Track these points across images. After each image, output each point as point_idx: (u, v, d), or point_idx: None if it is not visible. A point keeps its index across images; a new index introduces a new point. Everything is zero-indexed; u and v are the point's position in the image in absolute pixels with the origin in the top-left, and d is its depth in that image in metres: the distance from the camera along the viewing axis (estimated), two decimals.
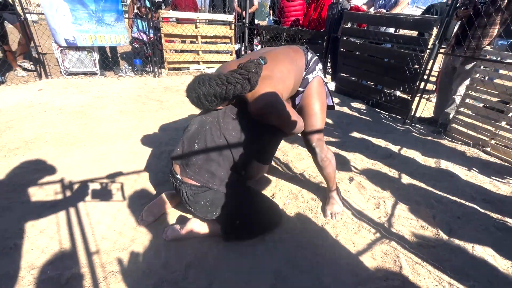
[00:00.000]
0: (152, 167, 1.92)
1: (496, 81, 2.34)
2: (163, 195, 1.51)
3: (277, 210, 1.49)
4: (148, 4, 4.00)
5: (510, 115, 2.25)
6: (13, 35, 3.78)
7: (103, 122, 2.59)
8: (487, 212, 1.66)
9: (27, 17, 3.44)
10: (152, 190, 1.70)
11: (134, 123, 2.61)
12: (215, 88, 1.11)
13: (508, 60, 2.20)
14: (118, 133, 2.39)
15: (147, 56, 4.23)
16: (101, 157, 2.01)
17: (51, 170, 1.82)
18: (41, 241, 1.29)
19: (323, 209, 1.60)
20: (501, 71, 2.32)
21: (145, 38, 4.18)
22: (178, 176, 1.27)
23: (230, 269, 1.21)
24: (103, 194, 1.62)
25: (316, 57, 1.47)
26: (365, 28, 3.69)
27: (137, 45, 4.22)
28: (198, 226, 1.33)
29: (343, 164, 2.11)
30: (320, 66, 1.48)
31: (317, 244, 1.37)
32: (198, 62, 4.59)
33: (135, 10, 4.27)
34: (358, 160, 2.20)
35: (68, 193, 1.62)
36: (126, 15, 4.25)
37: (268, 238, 1.38)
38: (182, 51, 4.57)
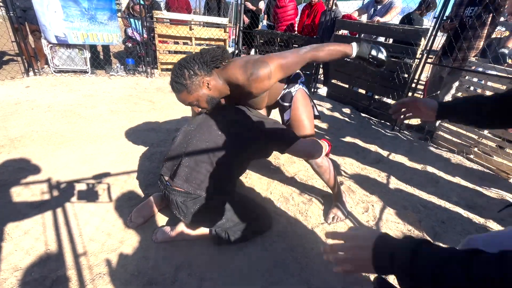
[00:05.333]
0: (143, 168, 1.90)
1: (480, 91, 2.44)
2: (153, 196, 1.49)
3: (267, 214, 1.50)
4: (142, 1, 3.98)
5: None
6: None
7: (93, 121, 2.55)
8: (470, 217, 1.72)
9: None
10: (142, 191, 1.68)
11: (125, 123, 2.58)
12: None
13: (491, 72, 2.31)
14: (109, 133, 2.35)
15: (139, 56, 4.19)
16: (90, 157, 1.97)
17: (37, 169, 1.78)
18: (25, 242, 1.25)
19: (326, 212, 1.64)
20: (484, 82, 2.42)
21: (138, 37, 4.14)
22: (167, 183, 1.27)
23: (220, 272, 1.21)
24: (92, 195, 1.60)
25: (299, 71, 1.52)
26: (357, 36, 3.79)
27: (130, 45, 4.17)
28: (188, 228, 1.33)
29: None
30: (302, 79, 1.55)
31: (307, 247, 1.39)
32: None
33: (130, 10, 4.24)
34: (348, 164, 2.24)
35: (55, 194, 1.58)
36: (119, 14, 4.20)
37: (258, 241, 1.38)
38: (176, 52, 4.55)
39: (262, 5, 5.00)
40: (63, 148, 2.06)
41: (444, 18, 2.57)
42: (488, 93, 2.36)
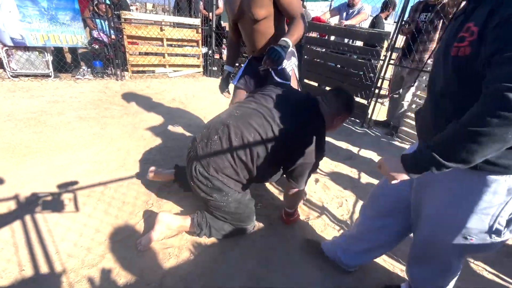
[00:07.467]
0: (120, 177, 1.86)
1: None
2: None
3: (253, 215, 1.54)
4: (108, 1, 3.79)
5: None
6: None
7: (60, 129, 2.41)
8: None
9: None
10: (121, 201, 1.64)
11: (97, 130, 2.48)
12: None
13: None
14: (79, 141, 2.25)
15: (108, 58, 4.00)
16: (60, 168, 1.88)
17: (1, 184, 1.66)
18: None
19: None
20: None
21: (105, 39, 3.95)
22: (197, 152, 1.28)
23: (205, 275, 1.25)
24: (66, 209, 1.53)
25: (293, 50, 1.64)
26: (325, 37, 3.95)
27: (96, 46, 3.97)
28: (168, 217, 1.36)
29: None
30: (294, 60, 1.66)
31: (287, 244, 1.47)
32: (164, 65, 4.47)
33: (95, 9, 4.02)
34: (323, 162, 2.36)
35: (25, 210, 1.49)
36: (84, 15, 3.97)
37: (241, 243, 1.44)
38: (147, 53, 4.41)
39: (221, 5, 5.00)
40: (29, 160, 1.93)
41: (403, 23, 2.79)
42: None
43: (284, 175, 1.42)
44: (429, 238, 0.93)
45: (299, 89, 1.68)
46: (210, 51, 4.73)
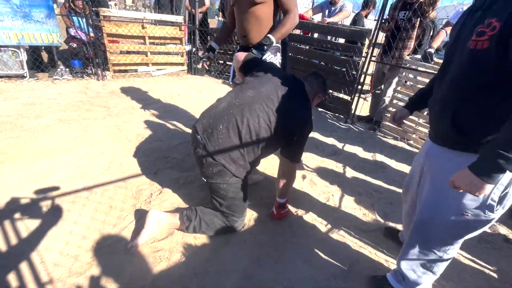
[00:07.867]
0: (105, 181, 1.82)
1: (418, 85, 2.81)
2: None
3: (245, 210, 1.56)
4: None
5: (425, 113, 2.73)
6: None
7: (39, 133, 2.31)
8: None
9: None
10: (108, 206, 1.61)
11: (79, 133, 2.40)
12: None
13: (421, 68, 2.67)
14: (60, 145, 2.17)
15: (87, 57, 3.86)
16: (41, 174, 1.82)
17: None
18: None
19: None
20: (418, 78, 2.78)
21: (83, 37, 3.80)
22: (201, 140, 1.34)
23: (197, 276, 1.26)
24: (50, 217, 1.49)
25: (278, 46, 1.80)
26: (309, 34, 3.99)
27: (74, 45, 3.81)
28: (158, 213, 1.40)
29: None
30: (279, 57, 1.82)
31: (278, 241, 1.50)
32: (147, 64, 4.37)
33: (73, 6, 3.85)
34: (309, 159, 2.42)
35: (5, 220, 1.44)
36: (59, 11, 3.80)
37: (232, 241, 1.45)
38: (128, 52, 4.29)
39: (207, 2, 4.95)
40: (6, 167, 1.85)
41: (383, 20, 2.87)
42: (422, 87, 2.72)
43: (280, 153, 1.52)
44: (428, 219, 1.01)
45: None
46: (194, 49, 4.66)
